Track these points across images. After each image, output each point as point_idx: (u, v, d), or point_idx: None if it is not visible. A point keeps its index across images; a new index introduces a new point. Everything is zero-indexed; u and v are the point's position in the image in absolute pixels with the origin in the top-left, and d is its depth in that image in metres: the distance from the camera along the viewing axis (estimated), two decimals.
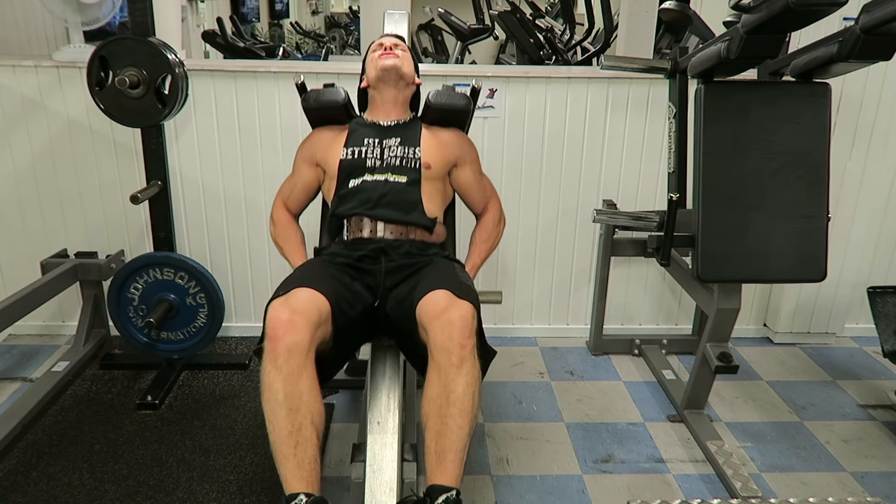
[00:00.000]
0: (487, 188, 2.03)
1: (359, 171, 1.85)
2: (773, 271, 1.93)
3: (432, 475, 1.38)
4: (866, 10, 1.61)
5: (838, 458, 2.08)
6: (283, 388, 1.38)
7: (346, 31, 9.21)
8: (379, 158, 1.86)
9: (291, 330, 1.42)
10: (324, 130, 1.97)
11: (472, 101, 2.00)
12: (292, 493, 1.33)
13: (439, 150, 1.90)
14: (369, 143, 1.88)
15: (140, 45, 2.06)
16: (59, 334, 2.72)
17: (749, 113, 1.87)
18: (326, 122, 1.98)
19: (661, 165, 2.61)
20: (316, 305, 1.51)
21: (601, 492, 1.90)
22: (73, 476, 1.88)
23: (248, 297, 2.73)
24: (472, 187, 1.99)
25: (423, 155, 1.87)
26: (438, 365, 1.44)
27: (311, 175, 1.96)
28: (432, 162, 1.87)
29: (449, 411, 1.40)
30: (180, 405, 2.25)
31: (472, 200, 2.01)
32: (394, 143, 1.88)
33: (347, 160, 1.86)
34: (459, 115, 1.97)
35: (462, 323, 1.44)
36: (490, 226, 2.00)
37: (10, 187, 2.55)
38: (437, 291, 1.52)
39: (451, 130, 1.97)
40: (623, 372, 2.58)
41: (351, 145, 1.88)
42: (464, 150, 1.96)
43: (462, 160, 1.96)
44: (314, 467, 1.37)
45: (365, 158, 1.86)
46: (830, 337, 2.82)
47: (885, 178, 2.63)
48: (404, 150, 1.86)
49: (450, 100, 1.94)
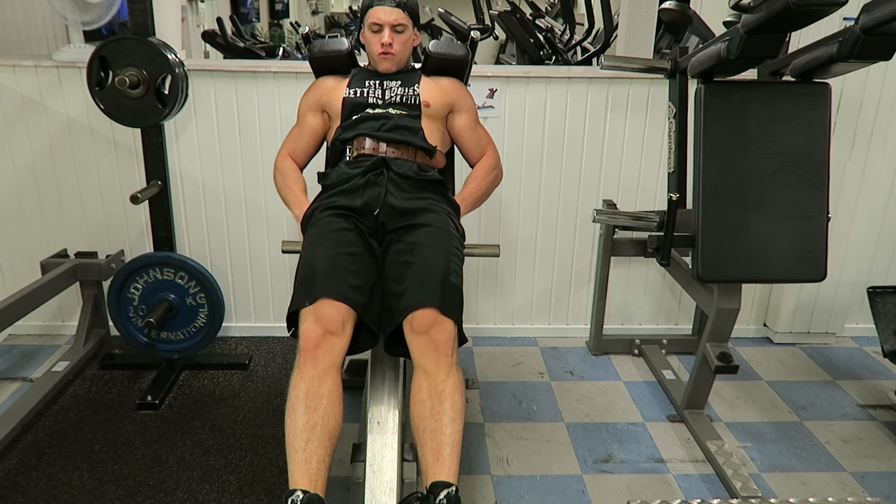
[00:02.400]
0: (483, 137, 2.06)
1: (361, 108, 1.92)
2: (773, 271, 1.93)
3: (431, 473, 1.40)
4: (866, 10, 1.61)
5: (838, 458, 2.08)
6: (306, 388, 1.44)
7: (346, 31, 9.21)
8: (381, 98, 1.93)
9: (323, 346, 1.49)
10: (327, 78, 2.03)
11: (471, 51, 2.07)
12: (292, 488, 1.34)
13: (438, 92, 1.96)
14: (371, 85, 1.95)
15: (140, 45, 2.06)
16: (59, 334, 2.72)
17: (749, 113, 1.87)
18: (330, 71, 2.03)
19: (661, 165, 2.61)
20: (342, 319, 1.54)
21: (601, 492, 1.90)
22: (73, 476, 1.88)
23: (248, 297, 2.73)
24: (468, 135, 2.02)
25: (423, 95, 1.94)
26: (426, 372, 1.51)
27: (317, 121, 1.99)
28: (431, 101, 1.93)
29: (442, 408, 1.45)
30: (180, 405, 2.25)
31: (468, 149, 2.04)
32: (394, 84, 1.95)
33: (350, 98, 1.93)
34: (458, 63, 2.04)
35: (446, 344, 1.52)
36: (485, 167, 2.02)
37: (10, 187, 2.55)
38: (423, 311, 1.53)
39: (450, 79, 2.03)
40: (623, 372, 2.58)
41: (353, 86, 1.95)
42: (461, 97, 2.01)
43: (459, 107, 2.00)
44: (321, 468, 1.37)
45: (367, 97, 1.93)
46: (830, 337, 2.82)
47: (885, 178, 2.63)
48: (404, 90, 1.94)
49: (449, 49, 2.01)
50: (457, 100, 2.00)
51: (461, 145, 2.04)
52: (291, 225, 2.61)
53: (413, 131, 1.89)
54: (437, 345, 1.52)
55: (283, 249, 1.97)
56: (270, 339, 2.71)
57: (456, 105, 2.00)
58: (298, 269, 1.65)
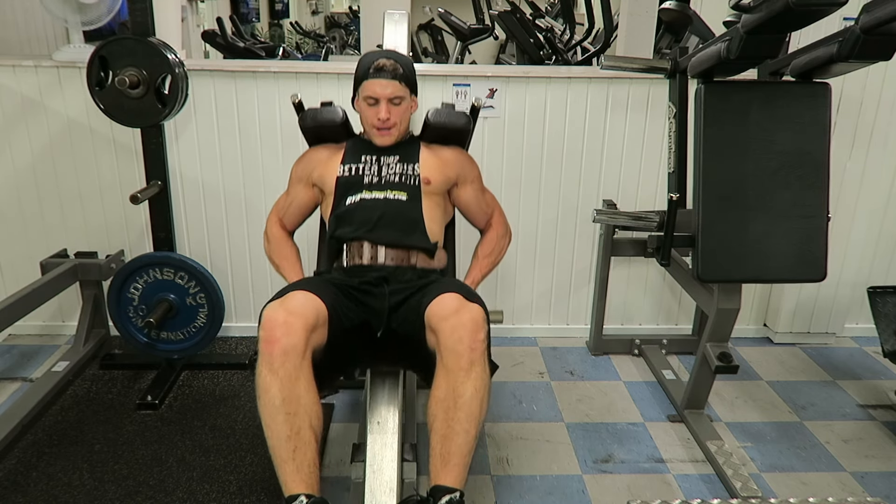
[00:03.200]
0: (490, 203, 1.99)
1: (356, 188, 1.81)
2: (773, 271, 1.93)
3: (436, 476, 1.38)
4: (866, 10, 1.61)
5: (838, 458, 2.08)
6: (280, 392, 1.37)
7: (346, 31, 9.21)
8: (377, 175, 1.82)
9: (288, 332, 1.40)
10: (320, 149, 1.94)
11: (472, 119, 1.96)
12: (292, 494, 1.33)
13: (439, 166, 1.87)
14: (367, 161, 1.84)
15: (140, 45, 2.06)
16: (59, 334, 2.72)
17: (749, 113, 1.87)
18: (324, 140, 1.95)
19: (661, 165, 2.61)
20: (313, 307, 1.49)
21: (601, 492, 1.90)
22: (73, 476, 1.88)
23: (248, 297, 2.73)
24: (475, 205, 1.95)
25: (423, 171, 1.83)
26: (447, 367, 1.43)
27: (307, 194, 1.92)
28: (432, 177, 1.83)
29: (456, 415, 1.39)
30: (180, 405, 2.25)
31: (475, 218, 1.98)
32: (392, 160, 1.84)
33: (344, 177, 1.83)
34: (459, 133, 1.94)
35: (472, 325, 1.43)
36: (493, 240, 1.96)
37: (10, 187, 2.55)
38: (447, 294, 1.51)
39: (451, 148, 1.94)
40: (623, 372, 2.58)
41: (348, 162, 1.85)
42: (464, 168, 1.92)
43: (463, 178, 1.92)
44: (313, 470, 1.37)
45: (362, 175, 1.82)
46: (830, 337, 2.82)
47: (885, 178, 2.63)
48: (403, 167, 1.83)
49: (449, 119, 1.91)
50: (460, 172, 1.91)
51: (467, 214, 1.98)
52: None
53: (413, 226, 1.77)
54: (461, 329, 1.41)
55: None
56: None
57: (460, 177, 1.91)
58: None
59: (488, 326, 1.50)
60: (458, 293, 1.53)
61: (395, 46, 2.16)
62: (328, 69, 2.49)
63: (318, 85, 2.46)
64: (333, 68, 2.49)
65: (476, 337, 1.42)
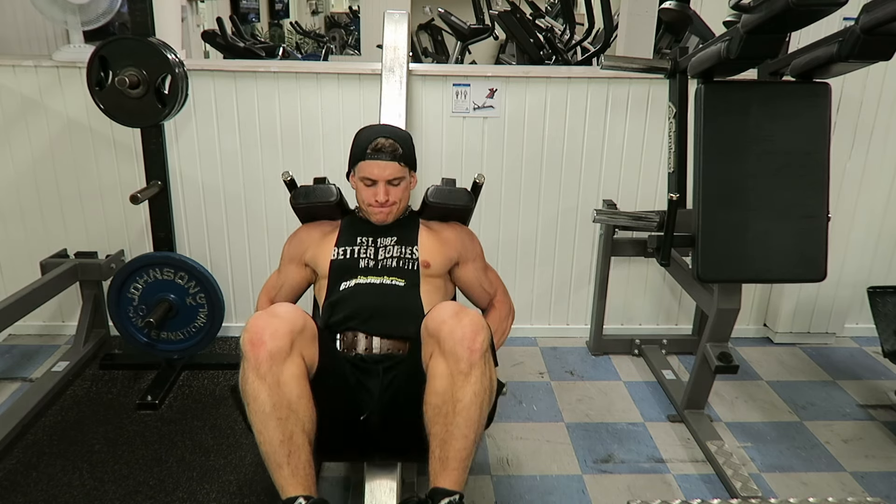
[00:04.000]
0: (494, 282, 1.92)
1: (351, 273, 1.72)
2: (773, 271, 1.93)
3: (435, 478, 1.37)
4: (866, 10, 1.61)
5: (838, 458, 2.08)
6: (269, 398, 1.33)
7: (346, 31, 9.21)
8: (373, 259, 1.74)
9: (274, 335, 1.36)
10: (313, 227, 1.87)
11: (474, 196, 1.88)
12: (290, 497, 1.32)
13: (439, 247, 1.80)
14: (362, 243, 1.77)
15: (140, 45, 2.06)
16: (59, 334, 2.72)
17: (749, 113, 1.87)
18: (317, 218, 1.89)
19: (661, 165, 2.61)
20: (300, 316, 1.43)
21: (601, 492, 1.90)
22: (73, 476, 1.88)
23: (248, 297, 2.73)
24: (476, 285, 1.88)
25: (422, 253, 1.75)
26: (447, 371, 1.38)
27: (299, 275, 1.85)
28: (431, 260, 1.76)
29: (455, 420, 1.35)
30: (180, 405, 2.25)
31: (477, 298, 1.91)
32: (389, 242, 1.77)
33: (339, 260, 1.74)
34: (460, 212, 1.89)
35: (472, 328, 1.38)
36: (495, 322, 1.84)
37: (10, 187, 2.55)
38: (444, 303, 1.46)
39: (452, 225, 1.89)
40: (623, 372, 2.58)
41: (343, 244, 1.77)
42: (466, 248, 1.86)
43: (464, 258, 1.85)
44: (309, 471, 1.35)
45: (358, 259, 1.74)
46: (830, 337, 2.82)
47: (885, 178, 2.63)
48: (401, 251, 1.75)
49: (450, 198, 1.84)
50: (462, 252, 1.84)
51: (468, 294, 1.90)
52: (291, 225, 2.60)
53: (410, 315, 1.63)
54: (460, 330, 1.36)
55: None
56: None
57: (461, 257, 1.84)
58: None
59: (489, 333, 1.44)
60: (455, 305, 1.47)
61: (395, 47, 2.16)
62: (328, 69, 2.50)
63: (319, 85, 2.46)
64: (333, 68, 2.49)
65: (476, 339, 1.37)
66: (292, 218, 1.98)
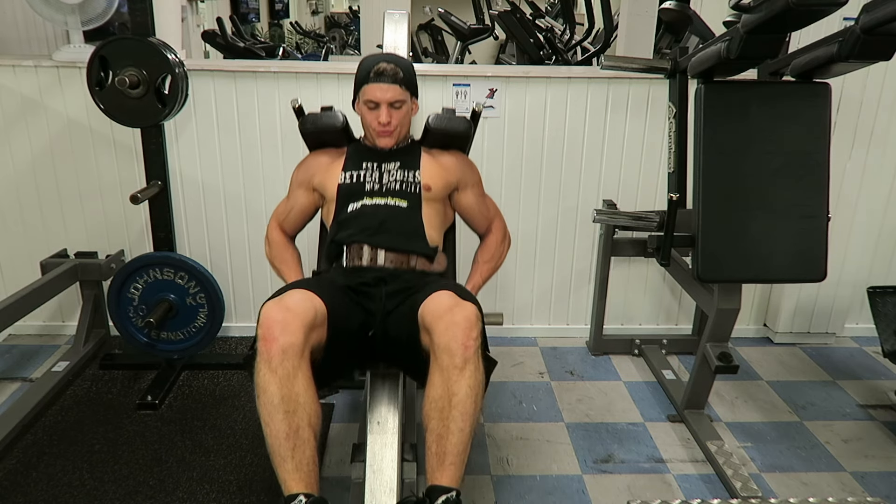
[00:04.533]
0: (490, 209, 2.00)
1: (357, 196, 1.82)
2: (773, 271, 1.93)
3: (432, 476, 1.39)
4: (866, 10, 1.61)
5: (838, 458, 2.08)
6: (279, 390, 1.37)
7: (346, 31, 9.21)
8: (378, 182, 1.84)
9: (286, 330, 1.40)
10: (321, 154, 1.95)
11: (473, 124, 1.97)
12: (291, 493, 1.33)
13: (440, 172, 1.88)
14: (368, 168, 1.85)
15: (140, 45, 2.06)
16: (59, 334, 2.72)
17: (749, 113, 1.87)
18: (324, 145, 1.96)
19: (661, 165, 2.61)
20: (312, 306, 1.49)
21: (601, 492, 1.90)
22: (73, 476, 1.88)
23: (248, 297, 2.73)
24: (475, 210, 1.96)
25: (423, 177, 1.85)
26: (441, 366, 1.43)
27: (308, 200, 1.93)
28: (432, 184, 1.85)
29: (451, 414, 1.39)
30: (180, 405, 2.25)
31: (475, 222, 1.99)
32: (393, 167, 1.86)
33: (346, 184, 1.84)
34: (460, 138, 1.95)
35: (466, 324, 1.43)
36: (493, 245, 1.97)
37: (10, 187, 2.55)
38: (440, 293, 1.53)
39: (452, 153, 1.95)
40: (623, 372, 2.58)
41: (349, 169, 1.86)
42: (465, 174, 1.94)
43: (463, 183, 1.93)
44: (312, 468, 1.37)
45: (363, 182, 1.83)
46: (830, 337, 2.82)
47: (885, 178, 2.63)
48: (404, 174, 1.84)
49: (450, 124, 1.92)
50: (461, 177, 1.92)
51: (467, 219, 1.99)
52: None
53: (412, 232, 1.79)
54: (454, 328, 1.42)
55: None
56: None
57: (460, 183, 1.93)
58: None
59: (483, 325, 1.50)
60: (453, 291, 1.54)
61: (395, 47, 2.16)
62: (328, 69, 2.49)
63: (319, 85, 2.46)
64: (333, 68, 2.49)
65: (469, 335, 1.42)
66: None
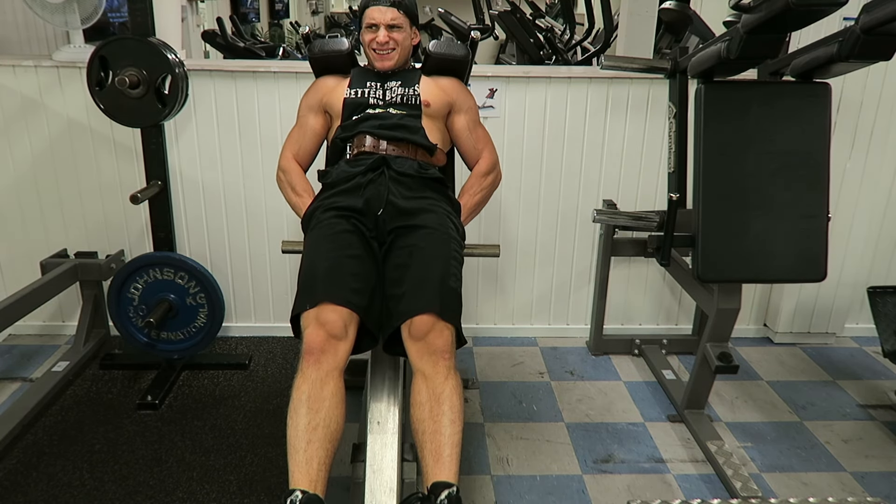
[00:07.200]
0: (481, 138, 2.04)
1: (362, 108, 1.93)
2: (773, 271, 1.93)
3: (431, 474, 1.40)
4: (866, 10, 1.61)
5: (838, 458, 2.08)
6: (308, 390, 1.44)
7: (346, 31, 9.20)
8: (381, 98, 1.94)
9: (326, 350, 1.50)
10: (327, 78, 2.03)
11: (471, 51, 2.08)
12: (292, 488, 1.34)
13: (438, 92, 1.97)
14: (371, 86, 1.96)
15: (140, 45, 2.06)
16: (59, 334, 2.72)
17: (749, 113, 1.87)
18: (330, 71, 2.04)
19: (661, 165, 2.61)
20: (345, 324, 1.55)
21: (601, 492, 1.90)
22: (73, 476, 1.88)
23: (248, 297, 2.73)
24: (466, 135, 2.01)
25: (423, 94, 1.94)
26: (424, 375, 1.52)
27: (319, 121, 2.00)
28: (431, 100, 1.94)
29: (441, 409, 1.47)
30: (180, 405, 2.25)
31: (466, 150, 2.03)
32: (394, 85, 1.96)
33: (351, 98, 1.94)
34: (458, 63, 2.04)
35: (444, 349, 1.53)
36: (478, 174, 1.99)
37: (10, 187, 2.55)
38: (421, 317, 1.54)
39: (450, 78, 2.03)
40: (623, 372, 2.58)
41: (354, 87, 1.96)
42: (461, 97, 2.01)
43: (459, 106, 2.00)
44: (322, 469, 1.38)
45: (367, 98, 1.94)
46: (830, 337, 2.82)
47: (885, 178, 2.63)
48: (405, 90, 1.95)
49: (449, 49, 2.02)
50: (457, 99, 1.99)
51: (459, 147, 2.03)
52: (291, 225, 2.61)
53: (413, 130, 1.89)
54: (434, 349, 1.53)
55: (283, 249, 1.97)
56: (270, 339, 2.71)
57: (456, 105, 1.99)
58: (301, 273, 1.65)
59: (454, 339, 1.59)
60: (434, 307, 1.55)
61: None
62: None
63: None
64: None
65: (447, 357, 1.53)
66: (293, 218, 1.99)
